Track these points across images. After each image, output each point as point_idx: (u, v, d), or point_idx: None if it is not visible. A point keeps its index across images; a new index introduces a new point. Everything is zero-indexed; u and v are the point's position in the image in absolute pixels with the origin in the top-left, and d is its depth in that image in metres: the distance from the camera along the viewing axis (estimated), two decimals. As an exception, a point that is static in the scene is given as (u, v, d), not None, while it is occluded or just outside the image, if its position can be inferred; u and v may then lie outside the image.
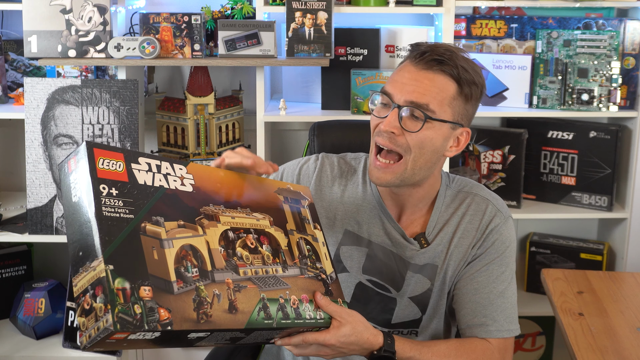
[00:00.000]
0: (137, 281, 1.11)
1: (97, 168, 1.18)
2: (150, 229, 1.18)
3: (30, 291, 2.66)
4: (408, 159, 1.48)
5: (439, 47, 1.48)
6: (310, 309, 1.35)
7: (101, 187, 1.16)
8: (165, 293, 1.14)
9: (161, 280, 1.15)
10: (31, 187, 2.49)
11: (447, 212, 1.61)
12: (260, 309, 1.27)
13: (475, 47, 2.77)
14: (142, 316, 1.09)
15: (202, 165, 1.37)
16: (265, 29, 2.46)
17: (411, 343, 1.47)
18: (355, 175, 1.66)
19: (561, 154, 2.82)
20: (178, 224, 1.23)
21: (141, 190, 1.22)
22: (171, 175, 1.29)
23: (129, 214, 1.17)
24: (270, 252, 1.37)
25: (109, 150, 1.21)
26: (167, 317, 1.12)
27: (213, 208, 1.32)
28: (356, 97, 2.56)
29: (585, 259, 2.85)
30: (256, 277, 1.30)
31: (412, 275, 1.60)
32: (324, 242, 1.49)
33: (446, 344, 1.52)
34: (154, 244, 1.17)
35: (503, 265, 1.57)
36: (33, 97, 2.46)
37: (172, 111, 2.64)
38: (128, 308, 1.08)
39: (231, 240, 1.31)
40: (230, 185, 1.39)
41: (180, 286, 1.16)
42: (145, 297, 1.11)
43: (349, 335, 1.38)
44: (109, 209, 1.15)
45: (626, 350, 1.76)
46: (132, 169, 1.23)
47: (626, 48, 2.66)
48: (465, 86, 1.48)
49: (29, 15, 2.45)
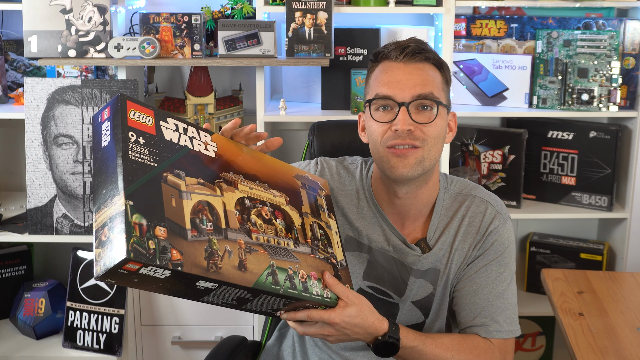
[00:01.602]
0: (154, 220, 1.15)
1: (128, 117, 1.23)
2: (171, 179, 1.23)
3: (30, 291, 2.66)
4: (425, 149, 1.48)
5: (409, 42, 1.52)
6: (318, 287, 1.37)
7: (130, 133, 1.22)
8: (180, 237, 1.18)
9: (177, 225, 1.19)
10: (31, 187, 2.49)
11: (447, 216, 1.60)
12: (269, 274, 1.29)
13: (475, 47, 2.77)
14: (155, 252, 1.13)
15: (226, 139, 1.42)
16: (265, 29, 2.46)
17: (415, 333, 1.48)
18: (354, 180, 1.65)
19: (561, 154, 2.82)
20: (198, 181, 1.28)
21: (167, 144, 1.27)
22: (196, 139, 1.34)
23: (152, 162, 1.22)
24: (284, 226, 1.39)
25: (141, 106, 1.27)
26: (179, 258, 1.16)
27: (233, 175, 1.36)
28: (356, 97, 2.56)
29: (585, 259, 2.85)
30: (267, 245, 1.33)
31: (415, 281, 1.60)
32: (337, 231, 1.51)
33: (449, 338, 1.52)
34: (173, 193, 1.22)
35: (502, 266, 1.57)
36: (33, 97, 2.46)
37: (172, 111, 2.64)
38: (143, 241, 1.12)
39: (247, 207, 1.34)
40: (251, 161, 1.43)
41: (194, 235, 1.21)
42: (160, 236, 1.15)
43: (354, 316, 1.38)
44: (134, 153, 1.20)
45: (626, 350, 1.76)
46: (160, 125, 1.28)
47: (626, 48, 2.66)
48: (445, 70, 1.54)
49: (29, 15, 2.45)
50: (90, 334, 2.55)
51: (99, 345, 2.54)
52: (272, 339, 1.80)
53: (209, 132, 1.38)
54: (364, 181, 1.64)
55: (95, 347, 2.55)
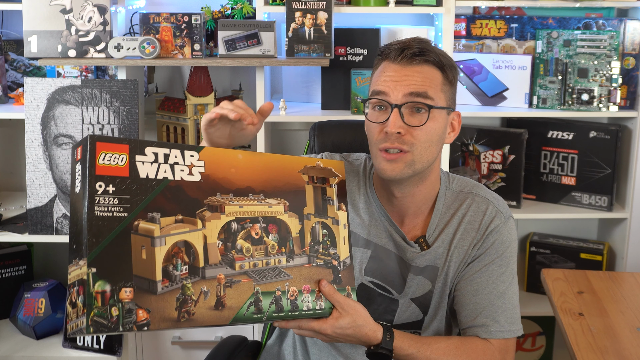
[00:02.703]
0: (119, 283, 1.15)
1: (97, 164, 1.18)
2: (143, 227, 1.20)
3: (30, 291, 2.66)
4: (415, 153, 1.48)
5: (412, 42, 1.51)
6: (310, 300, 1.37)
7: (97, 185, 1.17)
8: (148, 293, 1.18)
9: (145, 280, 1.18)
10: (31, 187, 2.49)
11: (447, 214, 1.60)
12: (251, 304, 1.29)
13: (475, 47, 2.77)
14: (118, 318, 1.14)
15: (218, 150, 1.35)
16: (265, 29, 2.46)
17: (411, 340, 1.48)
18: (357, 177, 1.66)
19: (561, 154, 2.82)
20: (176, 219, 1.25)
21: (141, 184, 1.22)
22: (179, 164, 1.28)
23: (123, 212, 1.19)
24: (277, 241, 1.37)
25: (114, 143, 1.21)
26: (145, 317, 1.16)
27: (219, 198, 1.32)
28: (356, 97, 2.56)
29: (585, 259, 2.85)
30: (253, 271, 1.32)
31: (414, 278, 1.60)
32: (345, 224, 1.48)
33: (447, 342, 1.52)
34: (144, 243, 1.20)
35: (503, 266, 1.57)
36: (33, 97, 2.45)
37: (172, 111, 2.64)
38: (105, 311, 1.13)
39: (233, 232, 1.32)
40: (247, 170, 1.37)
41: (165, 285, 1.20)
42: (125, 299, 1.15)
43: (347, 327, 1.39)
44: (102, 208, 1.17)
45: (626, 350, 1.76)
46: (135, 162, 1.23)
47: (626, 48, 2.66)
48: (448, 71, 1.52)
49: (29, 15, 2.45)
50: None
51: (99, 345, 2.54)
52: (273, 339, 1.80)
53: (197, 150, 1.30)
54: (367, 177, 1.65)
55: (95, 347, 2.55)
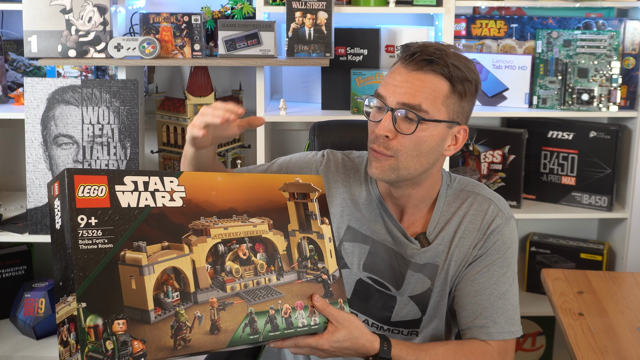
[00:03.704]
0: (111, 315, 1.13)
1: (77, 197, 1.16)
2: (130, 256, 1.18)
3: (30, 291, 2.66)
4: (400, 159, 1.48)
5: (429, 47, 1.48)
6: (304, 316, 1.36)
7: (79, 218, 1.15)
8: (141, 323, 1.16)
9: (137, 310, 1.16)
10: (31, 187, 2.49)
11: (448, 212, 1.60)
12: (246, 325, 1.27)
13: (475, 47, 2.77)
14: (113, 351, 1.11)
15: (197, 174, 1.35)
16: (265, 29, 2.46)
17: (408, 347, 1.47)
18: (358, 173, 1.66)
19: (561, 154, 2.82)
20: (162, 246, 1.23)
21: (123, 214, 1.20)
22: (159, 191, 1.27)
23: (107, 243, 1.17)
24: (265, 260, 1.36)
25: (92, 175, 1.20)
26: (141, 348, 1.14)
27: (203, 221, 1.30)
28: (356, 97, 2.56)
29: (585, 259, 2.85)
30: (245, 292, 1.30)
31: (413, 274, 1.60)
32: (330, 237, 1.47)
33: (444, 347, 1.51)
34: (132, 273, 1.17)
35: (504, 267, 1.57)
36: (33, 97, 2.46)
37: (172, 111, 2.64)
38: (99, 345, 1.10)
39: (221, 255, 1.30)
40: (227, 191, 1.36)
41: (158, 314, 1.18)
42: (119, 331, 1.13)
43: (343, 340, 1.38)
44: (86, 241, 1.15)
45: (626, 350, 1.76)
46: (115, 192, 1.21)
47: (626, 48, 2.66)
48: (458, 84, 1.47)
49: (29, 15, 2.45)
50: (90, 334, 2.55)
51: (99, 345, 2.54)
52: (273, 339, 1.80)
53: (176, 175, 1.30)
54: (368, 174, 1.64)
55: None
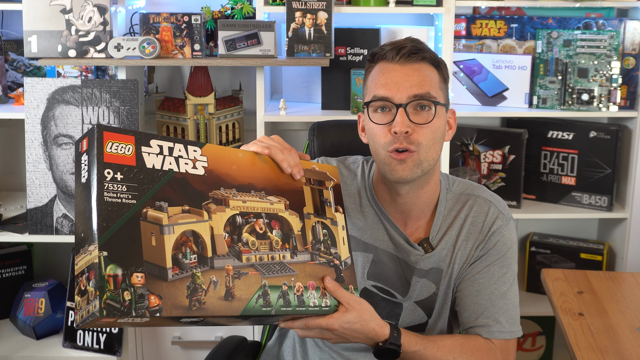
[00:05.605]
0: (131, 267, 1.14)
1: (105, 152, 1.19)
2: (151, 214, 1.20)
3: (30, 291, 2.66)
4: (422, 152, 1.48)
5: (405, 42, 1.51)
6: (316, 297, 1.35)
7: (106, 171, 1.18)
8: (159, 280, 1.16)
9: (156, 266, 1.17)
10: (31, 187, 2.49)
11: (450, 216, 1.60)
12: (260, 296, 1.28)
13: (475, 47, 2.77)
14: (130, 303, 1.12)
15: (219, 147, 1.36)
16: (265, 29, 2.46)
17: (417, 337, 1.48)
18: (355, 180, 1.65)
19: (561, 154, 2.82)
20: (182, 209, 1.24)
21: (148, 174, 1.22)
22: (183, 158, 1.29)
23: (131, 199, 1.19)
24: (280, 237, 1.36)
25: (120, 133, 1.22)
26: (157, 303, 1.14)
27: (223, 192, 1.32)
28: (356, 97, 2.56)
29: (585, 259, 2.85)
30: (260, 264, 1.31)
31: (418, 280, 1.60)
32: (344, 225, 1.47)
33: (451, 340, 1.52)
34: (153, 230, 1.19)
35: (505, 267, 1.57)
36: (33, 97, 2.46)
37: (172, 111, 2.64)
38: (117, 295, 1.11)
39: (238, 226, 1.31)
40: (247, 168, 1.37)
41: (175, 273, 1.18)
42: (137, 283, 1.13)
43: (354, 322, 1.38)
44: (111, 194, 1.17)
45: (626, 350, 1.76)
46: (141, 152, 1.23)
47: (626, 48, 2.66)
48: (442, 68, 1.54)
49: (29, 15, 2.45)
50: (90, 333, 2.55)
51: (99, 345, 2.54)
52: (273, 339, 1.80)
53: (199, 145, 1.32)
54: (366, 181, 1.64)
55: (95, 347, 2.55)
